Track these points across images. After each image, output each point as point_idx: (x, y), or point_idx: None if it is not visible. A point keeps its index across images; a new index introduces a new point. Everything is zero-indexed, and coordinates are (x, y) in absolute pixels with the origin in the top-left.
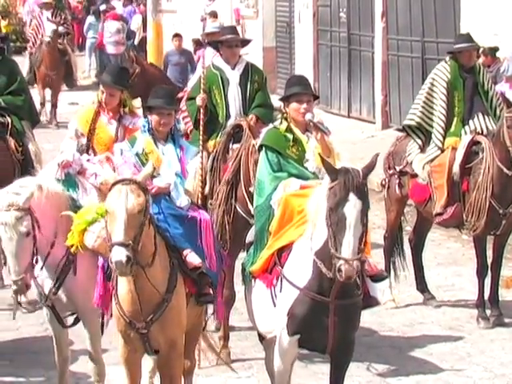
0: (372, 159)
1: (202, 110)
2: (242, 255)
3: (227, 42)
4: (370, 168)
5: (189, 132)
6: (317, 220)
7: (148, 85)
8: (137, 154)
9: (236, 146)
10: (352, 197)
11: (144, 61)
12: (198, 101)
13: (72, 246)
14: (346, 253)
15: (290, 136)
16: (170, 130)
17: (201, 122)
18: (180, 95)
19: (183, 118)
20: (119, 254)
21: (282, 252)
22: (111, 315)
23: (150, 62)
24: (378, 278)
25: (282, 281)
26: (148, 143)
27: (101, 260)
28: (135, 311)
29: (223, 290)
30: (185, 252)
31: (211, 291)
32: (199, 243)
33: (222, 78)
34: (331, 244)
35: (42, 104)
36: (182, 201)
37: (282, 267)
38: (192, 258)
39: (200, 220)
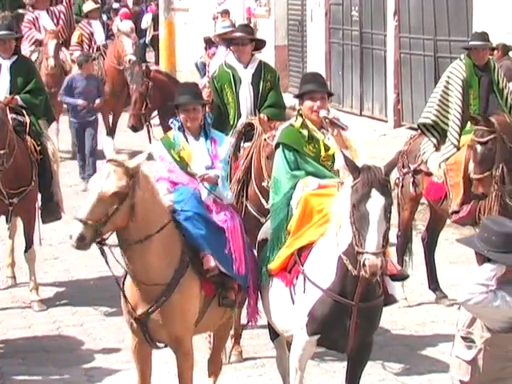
0: (394, 157)
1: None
2: None
3: (234, 40)
4: (391, 165)
5: None
6: (342, 219)
7: (162, 94)
8: (171, 154)
9: (247, 144)
10: (375, 193)
11: (151, 71)
12: (204, 96)
13: None
14: (370, 247)
15: (306, 133)
16: (202, 125)
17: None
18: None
19: None
20: (74, 229)
21: (302, 251)
22: None
23: (156, 69)
24: (399, 277)
25: (304, 280)
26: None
27: None
28: (134, 299)
29: (255, 292)
30: (202, 253)
31: (234, 297)
32: (226, 247)
33: (234, 76)
34: (355, 241)
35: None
36: (229, 194)
37: (303, 267)
38: (207, 259)
39: (227, 224)
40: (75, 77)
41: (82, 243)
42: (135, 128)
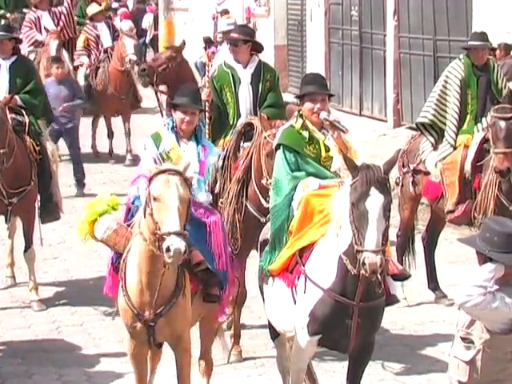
0: (393, 155)
1: (207, 104)
2: (253, 254)
3: (229, 40)
4: (391, 163)
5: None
6: (341, 219)
7: (178, 78)
8: (159, 152)
9: (247, 144)
10: (373, 191)
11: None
12: (203, 96)
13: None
14: (370, 245)
15: (306, 134)
16: (194, 130)
17: (206, 115)
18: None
19: None
20: (180, 243)
21: (303, 252)
22: None
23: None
24: (400, 277)
25: (305, 281)
26: (171, 141)
27: (111, 253)
28: (144, 303)
29: (233, 287)
30: (190, 248)
31: (218, 292)
32: (207, 242)
33: (233, 76)
34: (355, 240)
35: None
36: (201, 196)
37: (304, 267)
38: (196, 253)
39: (209, 219)
40: (48, 82)
41: (183, 255)
42: (144, 72)
